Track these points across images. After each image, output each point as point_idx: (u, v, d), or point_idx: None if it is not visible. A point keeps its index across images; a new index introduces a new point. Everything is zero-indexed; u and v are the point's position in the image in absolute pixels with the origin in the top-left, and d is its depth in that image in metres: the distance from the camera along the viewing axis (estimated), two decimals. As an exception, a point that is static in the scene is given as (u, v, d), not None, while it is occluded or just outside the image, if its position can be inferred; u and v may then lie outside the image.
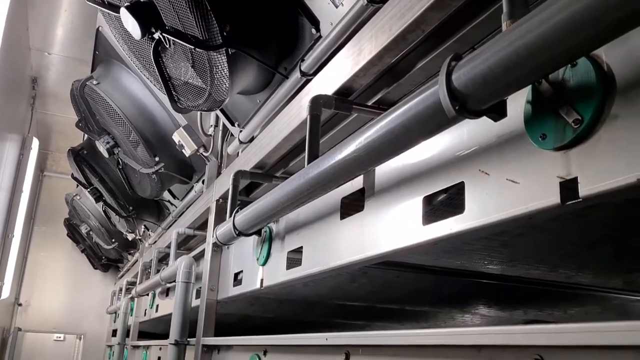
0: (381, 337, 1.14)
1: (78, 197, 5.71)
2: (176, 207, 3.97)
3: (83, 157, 4.30)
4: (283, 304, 3.21)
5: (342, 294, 2.66)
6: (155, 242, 4.75)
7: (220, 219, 2.57)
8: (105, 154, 3.39)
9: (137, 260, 5.87)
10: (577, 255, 1.54)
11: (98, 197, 4.49)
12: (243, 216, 1.89)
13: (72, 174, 4.78)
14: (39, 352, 8.99)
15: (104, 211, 4.77)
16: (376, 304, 2.97)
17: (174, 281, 3.06)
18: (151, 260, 4.58)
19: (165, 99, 2.55)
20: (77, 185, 5.97)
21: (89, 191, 4.51)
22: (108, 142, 3.33)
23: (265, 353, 1.89)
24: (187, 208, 3.54)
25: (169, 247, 3.86)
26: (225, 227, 2.06)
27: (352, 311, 3.32)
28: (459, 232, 1.02)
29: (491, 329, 0.85)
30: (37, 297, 8.41)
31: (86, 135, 4.34)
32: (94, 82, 3.14)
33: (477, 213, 0.98)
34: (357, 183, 1.43)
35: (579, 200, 0.80)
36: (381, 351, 1.20)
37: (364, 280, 2.42)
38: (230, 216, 2.03)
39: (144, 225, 5.08)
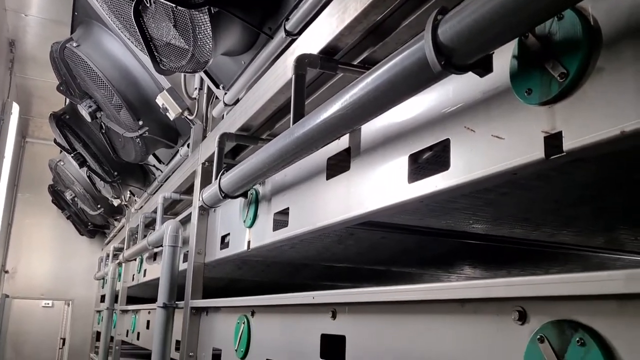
0: (367, 294, 1.15)
1: (62, 163, 5.65)
2: (162, 172, 3.94)
3: (65, 122, 4.24)
4: (270, 267, 3.23)
5: (329, 255, 2.69)
6: (142, 207, 4.74)
7: (206, 182, 2.56)
8: (88, 118, 3.34)
9: (123, 226, 5.86)
10: (559, 213, 1.56)
11: (82, 163, 4.44)
12: (229, 178, 1.88)
13: (55, 139, 4.72)
14: (28, 319, 9.04)
15: (89, 177, 4.73)
16: (363, 266, 3.01)
17: (161, 246, 3.06)
18: (137, 225, 4.57)
19: (147, 61, 2.50)
20: (61, 151, 5.89)
21: (72, 157, 4.46)
22: (90, 106, 3.27)
23: (252, 314, 1.92)
24: (173, 172, 3.52)
25: (155, 212, 3.86)
26: (211, 189, 2.06)
27: (339, 273, 3.36)
28: (444, 189, 1.03)
29: (473, 282, 0.86)
30: (23, 264, 8.39)
31: (68, 100, 4.27)
32: (74, 44, 3.07)
33: (462, 170, 0.99)
34: (343, 143, 1.43)
35: (562, 154, 0.80)
36: (367, 308, 1.21)
37: (351, 241, 2.44)
38: (216, 179, 2.03)
39: (130, 191, 5.05)
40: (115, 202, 5.31)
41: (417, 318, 1.05)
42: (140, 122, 3.16)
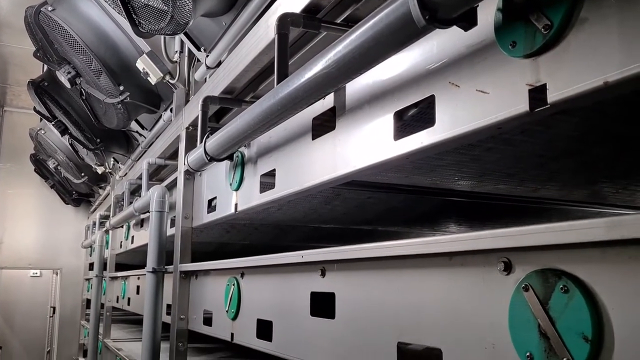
0: (356, 250, 1.17)
1: (43, 132, 5.56)
2: (145, 138, 3.90)
3: (44, 89, 4.15)
4: (258, 229, 3.25)
5: (316, 217, 2.71)
6: (126, 174, 4.70)
7: (191, 146, 2.55)
8: (67, 85, 3.27)
9: (108, 194, 5.82)
10: (543, 167, 1.58)
11: (63, 131, 4.37)
12: (214, 141, 1.87)
13: (35, 107, 4.62)
14: (17, 289, 9.04)
15: (71, 144, 4.66)
16: (349, 226, 3.03)
17: (148, 212, 3.05)
18: (123, 193, 4.55)
19: (126, 24, 2.44)
20: (41, 120, 5.80)
21: (53, 125, 4.38)
22: (69, 72, 3.20)
23: (242, 275, 1.94)
24: (157, 138, 3.48)
25: (140, 178, 3.83)
26: (197, 153, 2.05)
27: (326, 234, 3.39)
28: (429, 145, 1.03)
29: (460, 236, 0.88)
30: (9, 234, 8.33)
31: (46, 66, 4.17)
32: (49, 8, 2.98)
33: (447, 125, 0.99)
34: (328, 102, 1.42)
35: (547, 106, 0.81)
36: (356, 265, 1.23)
37: (337, 202, 2.46)
38: (201, 142, 2.02)
39: (113, 158, 5.00)
40: (99, 170, 5.26)
41: (405, 273, 1.07)
42: (121, 88, 3.10)
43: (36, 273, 9.42)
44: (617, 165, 1.63)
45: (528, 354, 0.78)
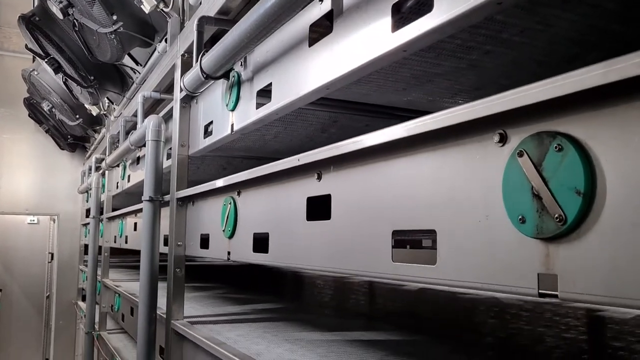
0: (352, 143, 1.17)
1: (36, 73, 5.48)
2: (139, 74, 3.85)
3: (36, 24, 4.06)
4: (253, 161, 3.26)
5: (312, 145, 2.70)
6: (121, 114, 4.67)
7: (186, 73, 2.52)
8: (60, 15, 3.20)
9: (104, 137, 5.80)
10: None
11: (57, 68, 4.30)
12: (210, 57, 1.85)
13: (26, 44, 4.54)
14: (14, 236, 9.12)
15: (65, 83, 4.60)
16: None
17: (144, 146, 3.05)
18: (118, 132, 4.53)
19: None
20: (34, 60, 5.71)
21: (46, 62, 4.31)
22: (61, 2, 3.13)
23: (239, 194, 1.95)
24: (151, 72, 3.44)
25: (135, 115, 3.81)
26: (193, 72, 2.03)
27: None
28: (428, 31, 1.02)
29: (455, 109, 0.88)
30: (5, 180, 8.33)
31: (37, 1, 4.08)
32: None
33: (445, 7, 0.98)
34: (325, 6, 1.40)
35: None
36: (352, 162, 1.24)
37: (334, 130, 2.45)
38: (197, 61, 1.99)
39: (108, 98, 4.95)
40: (94, 111, 5.22)
41: (401, 160, 1.07)
42: (115, 17, 3.04)
43: (33, 220, 9.48)
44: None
45: (520, 217, 0.79)
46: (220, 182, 2.01)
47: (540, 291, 0.76)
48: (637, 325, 2.35)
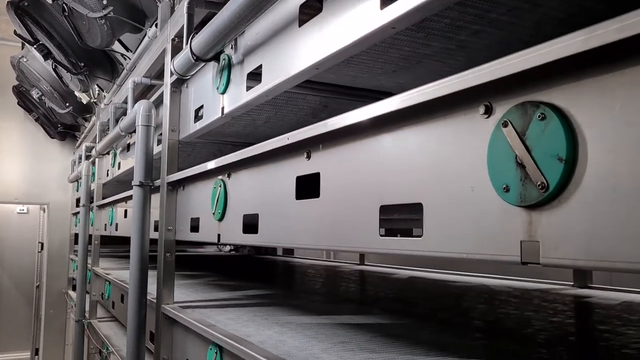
0: (341, 118, 1.18)
1: (25, 60, 5.44)
2: (130, 60, 3.83)
3: (24, 9, 4.03)
4: (244, 147, 3.26)
5: (303, 131, 2.71)
6: (111, 101, 4.65)
7: (177, 57, 2.51)
8: None
9: (94, 125, 5.77)
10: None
11: (46, 54, 4.28)
12: (200, 38, 1.85)
13: (15, 30, 4.50)
14: (4, 226, 9.08)
15: (54, 70, 4.57)
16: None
17: (134, 132, 3.04)
18: (108, 119, 4.51)
19: None
20: (23, 47, 5.66)
21: (35, 48, 4.28)
22: (50, -14, 3.11)
23: (229, 176, 1.96)
24: (142, 58, 3.43)
25: (125, 102, 3.80)
26: (183, 54, 2.03)
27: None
28: (416, 7, 1.03)
29: (442, 81, 0.89)
30: (-6, 168, 8.28)
31: (26, -14, 4.04)
32: None
33: (434, -18, 0.99)
34: (315, -14, 1.40)
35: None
36: (341, 140, 1.25)
37: (324, 115, 2.45)
38: (187, 43, 1.99)
39: (98, 85, 4.93)
40: (84, 99, 5.20)
41: (388, 136, 1.08)
42: (104, 2, 3.03)
43: (23, 209, 9.43)
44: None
45: (504, 186, 0.80)
46: (211, 164, 2.02)
47: (523, 259, 0.77)
48: (622, 310, 2.39)
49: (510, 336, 1.81)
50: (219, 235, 2.00)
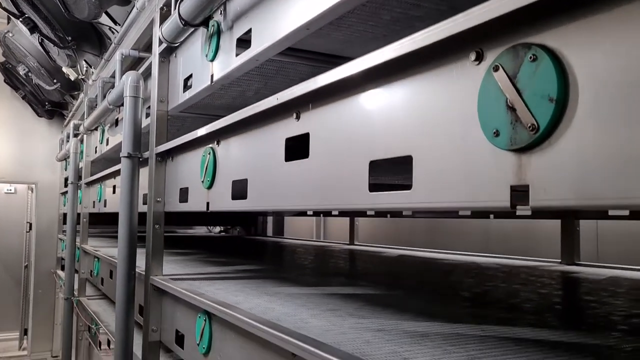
0: (333, 73, 1.17)
1: (11, 35, 5.35)
2: (118, 33, 3.78)
3: (10, -20, 3.95)
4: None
5: (293, 103, 2.69)
6: (99, 77, 4.59)
7: (165, 27, 2.47)
8: (35, -31, 3.12)
9: (82, 102, 5.70)
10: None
11: (32, 28, 4.20)
12: (188, 2, 1.82)
13: (0, 4, 4.42)
14: (-9, 205, 9.00)
15: (41, 43, 4.49)
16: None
17: (122, 105, 3.00)
18: (96, 95, 4.45)
19: None
20: (9, 22, 5.57)
21: (21, 21, 4.20)
22: (36, -46, 3.05)
23: (218, 143, 1.94)
24: (130, 29, 3.38)
25: (113, 76, 3.75)
26: (171, 20, 2.00)
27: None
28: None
29: (433, 27, 0.88)
30: (-20, 148, 8.18)
31: (11, -43, 3.96)
32: None
33: None
34: (306, -56, 1.38)
35: None
36: (331, 98, 1.24)
37: (315, 86, 2.43)
38: (175, 8, 1.96)
39: (86, 61, 4.86)
40: (72, 75, 5.12)
41: (377, 91, 1.07)
42: (92, -29, 2.97)
43: (10, 189, 9.35)
44: None
45: (495, 130, 0.80)
46: (202, 131, 1.99)
47: (512, 203, 0.77)
48: (609, 284, 2.42)
49: (497, 306, 1.83)
50: (207, 204, 1.99)
